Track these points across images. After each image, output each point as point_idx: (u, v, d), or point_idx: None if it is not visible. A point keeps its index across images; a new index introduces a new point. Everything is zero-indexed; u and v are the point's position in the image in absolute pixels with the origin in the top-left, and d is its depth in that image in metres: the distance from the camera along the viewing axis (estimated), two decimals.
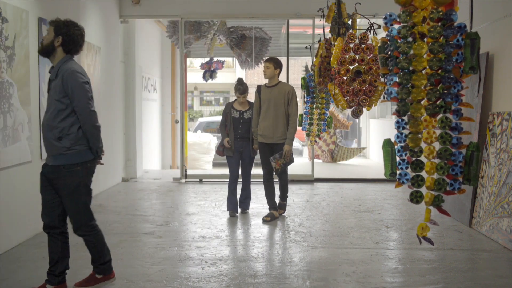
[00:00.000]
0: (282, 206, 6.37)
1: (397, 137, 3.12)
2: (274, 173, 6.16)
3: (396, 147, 3.15)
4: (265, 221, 6.05)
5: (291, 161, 6.08)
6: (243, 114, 6.33)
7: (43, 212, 3.70)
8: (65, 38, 3.58)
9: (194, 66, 20.19)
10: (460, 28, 2.97)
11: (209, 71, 10.14)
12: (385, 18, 3.11)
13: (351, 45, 4.89)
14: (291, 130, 6.02)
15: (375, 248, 4.97)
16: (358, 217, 6.38)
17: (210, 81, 10.33)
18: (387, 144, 3.12)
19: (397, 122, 3.12)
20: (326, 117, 6.35)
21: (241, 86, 6.28)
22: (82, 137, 3.55)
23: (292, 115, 6.05)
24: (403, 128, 3.12)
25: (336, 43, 4.83)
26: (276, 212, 6.18)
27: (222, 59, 10.38)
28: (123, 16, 9.19)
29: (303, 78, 6.41)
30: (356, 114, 5.19)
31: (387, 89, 3.11)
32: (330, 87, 4.95)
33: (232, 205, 6.40)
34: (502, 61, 5.54)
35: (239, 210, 6.52)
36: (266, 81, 6.26)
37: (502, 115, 5.38)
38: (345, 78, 4.95)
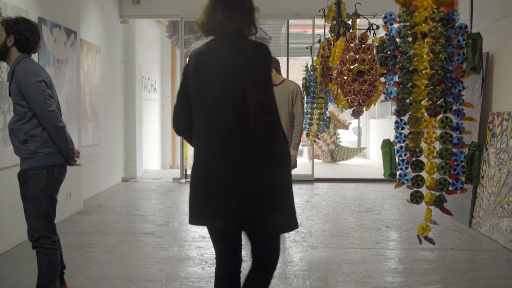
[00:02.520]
0: None
1: (396, 137, 3.12)
2: None
3: (395, 147, 3.15)
4: None
5: (294, 166, 5.54)
6: None
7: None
8: (17, 37, 3.30)
9: None
10: (461, 28, 2.97)
11: None
12: (385, 17, 3.11)
13: (352, 45, 4.89)
14: (296, 134, 5.35)
15: (375, 248, 4.97)
16: (358, 217, 6.37)
17: None
18: (386, 144, 3.12)
19: (396, 122, 3.12)
20: (325, 117, 6.34)
21: None
22: (49, 139, 3.31)
23: (297, 116, 5.40)
24: (402, 128, 3.12)
25: (338, 42, 4.83)
26: None
27: None
28: (123, 16, 9.19)
29: (304, 78, 6.39)
30: (357, 114, 5.19)
31: (387, 89, 3.11)
32: (332, 87, 4.95)
33: None
34: (502, 61, 5.54)
35: None
36: None
37: (502, 115, 5.38)
38: (345, 78, 4.96)
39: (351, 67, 4.91)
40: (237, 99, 2.29)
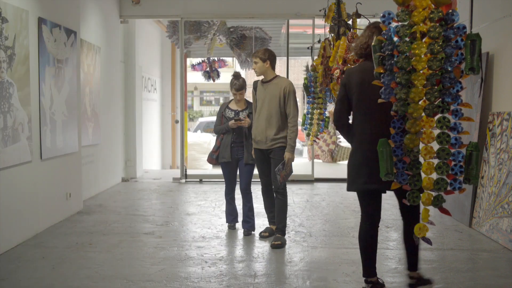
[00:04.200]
0: (278, 239, 5.02)
1: (393, 137, 3.12)
2: (274, 187, 5.22)
3: (392, 147, 3.15)
4: (262, 236, 5.30)
5: (291, 171, 5.15)
6: (238, 114, 5.43)
7: None
8: None
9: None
10: (459, 29, 2.97)
11: (212, 71, 10.12)
12: (383, 16, 3.11)
13: (353, 45, 4.87)
14: (291, 136, 4.99)
15: None
16: (358, 217, 6.34)
17: (217, 80, 10.33)
18: (382, 145, 3.11)
19: (393, 122, 3.12)
20: (325, 117, 6.31)
21: (237, 81, 5.37)
22: None
23: (291, 116, 5.00)
24: (399, 128, 3.12)
25: (341, 42, 4.83)
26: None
27: (219, 58, 10.38)
28: (123, 16, 9.19)
29: (305, 79, 6.38)
30: None
31: (385, 89, 3.11)
32: (334, 87, 4.94)
33: (231, 216, 5.65)
34: (502, 61, 5.53)
35: (239, 222, 5.73)
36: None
37: (502, 115, 5.38)
38: None
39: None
40: (385, 104, 3.19)
